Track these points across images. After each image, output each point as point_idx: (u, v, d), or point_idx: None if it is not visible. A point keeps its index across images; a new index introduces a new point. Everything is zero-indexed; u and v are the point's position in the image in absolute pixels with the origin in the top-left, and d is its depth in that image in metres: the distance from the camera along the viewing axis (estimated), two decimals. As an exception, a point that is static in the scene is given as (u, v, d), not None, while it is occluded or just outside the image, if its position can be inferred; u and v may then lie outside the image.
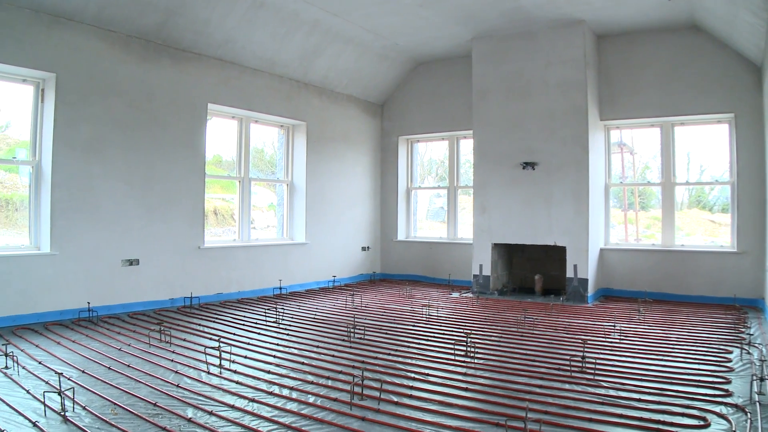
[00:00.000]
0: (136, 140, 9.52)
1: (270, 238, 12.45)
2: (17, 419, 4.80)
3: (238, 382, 5.82)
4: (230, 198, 12.05)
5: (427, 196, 14.75)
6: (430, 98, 13.70)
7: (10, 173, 9.08)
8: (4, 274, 8.18)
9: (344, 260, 13.49)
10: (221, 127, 11.36)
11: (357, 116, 13.81)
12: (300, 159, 12.53)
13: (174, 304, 10.08)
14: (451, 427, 4.56)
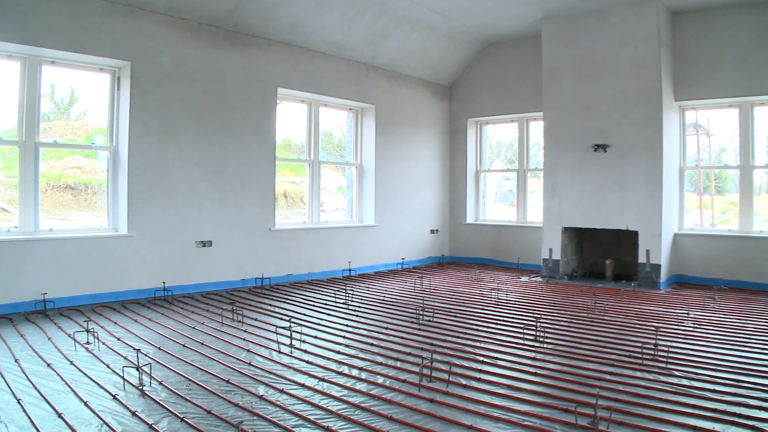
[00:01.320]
0: (208, 125, 9.75)
1: (339, 220, 12.58)
2: (98, 392, 5.02)
3: (309, 361, 5.93)
4: (299, 181, 12.21)
5: (495, 179, 14.61)
6: (499, 80, 13.52)
7: (89, 158, 9.43)
8: (85, 254, 8.55)
9: (413, 243, 13.53)
10: (290, 110, 11.50)
11: (425, 99, 13.77)
12: (369, 142, 12.59)
13: (245, 284, 10.33)
14: (519, 411, 4.54)
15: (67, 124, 9.25)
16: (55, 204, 8.99)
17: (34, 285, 8.09)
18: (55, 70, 8.67)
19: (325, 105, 11.95)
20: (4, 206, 8.60)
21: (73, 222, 9.05)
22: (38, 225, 8.42)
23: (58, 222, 8.86)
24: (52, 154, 9.01)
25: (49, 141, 8.69)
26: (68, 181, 9.18)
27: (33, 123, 8.29)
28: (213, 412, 4.55)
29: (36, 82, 8.31)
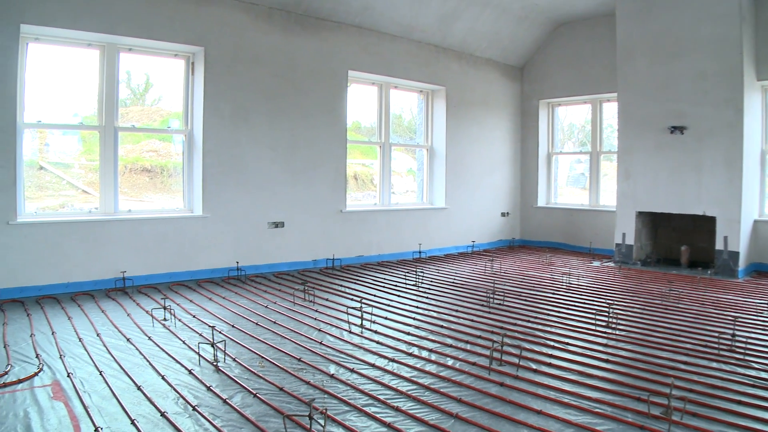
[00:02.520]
0: (280, 108, 9.87)
1: (410, 202, 12.57)
2: (175, 366, 5.19)
3: (379, 342, 5.97)
4: (369, 163, 12.24)
5: (567, 161, 14.32)
6: (572, 60, 13.19)
7: (165, 142, 9.68)
8: (161, 234, 8.81)
9: (483, 225, 13.42)
10: (360, 93, 11.52)
11: (496, 80, 13.58)
12: (440, 124, 12.51)
13: (317, 265, 10.45)
14: (590, 398, 4.46)
15: (143, 110, 9.50)
16: (133, 186, 9.26)
17: (114, 263, 8.40)
18: (132, 57, 8.91)
19: (395, 87, 11.92)
20: (85, 188, 8.91)
21: (149, 203, 9.32)
22: (117, 206, 8.70)
23: (136, 203, 9.14)
24: (130, 138, 9.28)
25: (127, 126, 8.95)
26: (145, 164, 9.44)
27: (112, 108, 8.55)
28: (285, 389, 4.63)
29: (114, 69, 8.56)
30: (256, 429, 3.94)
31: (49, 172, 8.80)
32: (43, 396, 4.49)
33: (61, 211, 8.52)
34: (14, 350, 5.56)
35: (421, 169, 12.73)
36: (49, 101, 8.38)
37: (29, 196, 8.23)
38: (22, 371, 5.01)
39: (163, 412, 4.17)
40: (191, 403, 4.33)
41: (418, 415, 4.16)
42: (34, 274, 7.86)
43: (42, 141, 8.66)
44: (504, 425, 4.00)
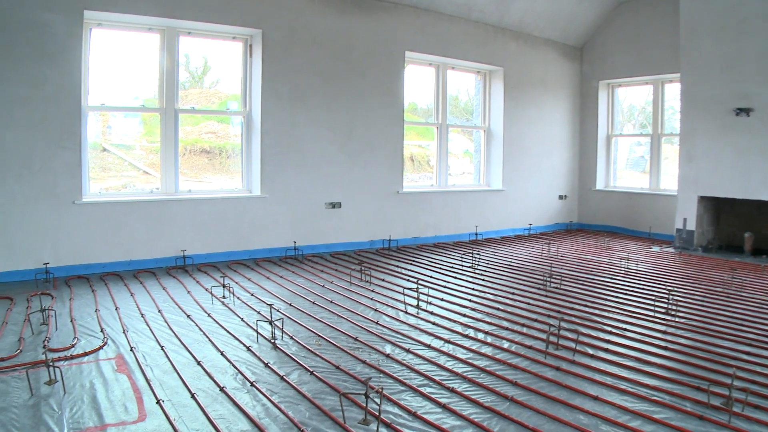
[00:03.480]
0: (337, 89, 9.89)
1: (466, 184, 12.48)
2: (234, 343, 5.29)
3: (435, 323, 5.96)
4: (426, 144, 12.20)
5: (626, 144, 13.99)
6: (633, 39, 12.79)
7: (223, 124, 9.81)
8: (221, 214, 8.96)
9: (540, 208, 13.25)
10: (416, 74, 11.45)
11: (555, 60, 13.33)
12: (497, 105, 12.37)
13: (373, 245, 10.49)
14: (648, 385, 4.37)
15: (201, 92, 9.64)
16: (192, 167, 9.42)
17: (175, 242, 8.59)
18: (191, 41, 9.03)
19: (452, 68, 11.82)
20: (146, 169, 9.10)
21: (208, 184, 9.48)
22: (178, 186, 8.87)
23: (195, 184, 9.30)
24: (189, 120, 9.42)
25: (187, 108, 9.09)
26: (204, 145, 9.59)
27: (172, 91, 8.70)
28: (341, 368, 4.67)
29: (174, 52, 8.69)
30: (313, 406, 3.99)
31: (112, 154, 9.01)
32: (107, 368, 4.64)
33: (124, 191, 8.74)
34: (80, 324, 5.75)
35: (478, 150, 12.62)
36: (111, 85, 8.57)
37: (93, 177, 8.46)
38: (88, 345, 5.19)
39: (222, 387, 4.25)
40: (249, 379, 4.41)
41: (473, 396, 4.14)
42: (99, 251, 8.10)
43: (105, 124, 8.88)
44: (559, 410, 3.95)
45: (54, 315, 5.97)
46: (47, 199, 7.69)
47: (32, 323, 5.74)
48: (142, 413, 3.88)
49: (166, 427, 3.69)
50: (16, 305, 6.44)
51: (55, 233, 7.79)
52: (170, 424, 3.72)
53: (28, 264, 7.66)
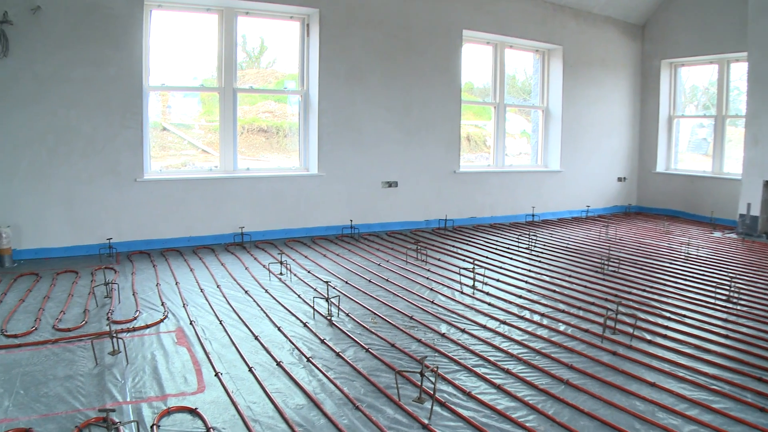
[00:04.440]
0: (394, 68, 9.85)
1: (523, 164, 12.33)
2: (290, 319, 5.37)
3: (490, 303, 5.93)
4: (482, 124, 12.08)
5: (688, 125, 13.57)
6: (697, 17, 12.29)
7: (280, 103, 9.89)
8: (279, 192, 9.06)
9: (598, 190, 13.00)
10: (473, 53, 11.31)
11: (615, 39, 12.98)
12: (556, 85, 12.14)
13: (429, 225, 10.47)
14: (707, 374, 4.25)
15: (258, 72, 9.72)
16: (250, 146, 9.53)
17: (233, 219, 8.73)
18: (249, 21, 9.08)
19: (510, 47, 11.64)
20: (204, 148, 9.25)
21: (265, 162, 9.58)
22: (237, 164, 8.99)
23: (253, 162, 9.42)
24: (247, 99, 9.53)
25: (246, 87, 9.18)
26: (261, 124, 9.69)
27: (231, 71, 8.79)
28: (396, 346, 4.69)
29: (232, 32, 8.77)
30: (368, 383, 4.02)
31: (171, 133, 9.18)
32: (168, 341, 4.76)
33: (183, 169, 8.89)
34: (142, 298, 5.92)
35: (536, 130, 12.44)
36: (171, 65, 8.71)
37: (154, 156, 8.64)
38: (149, 317, 5.33)
39: (278, 362, 4.32)
40: (306, 355, 4.47)
41: (529, 378, 4.11)
42: (159, 228, 8.30)
43: (164, 103, 9.05)
44: (615, 395, 3.89)
45: (117, 288, 6.15)
46: (110, 177, 7.91)
47: (96, 296, 5.93)
48: (201, 385, 3.97)
49: (224, 398, 3.77)
50: (82, 278, 6.67)
51: (117, 210, 8.01)
52: (228, 396, 3.80)
53: (93, 239, 7.91)
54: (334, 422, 3.47)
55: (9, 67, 7.23)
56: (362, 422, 3.50)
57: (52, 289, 6.21)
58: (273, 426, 3.45)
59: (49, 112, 7.52)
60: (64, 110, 7.59)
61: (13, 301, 5.79)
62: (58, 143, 7.60)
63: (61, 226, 7.78)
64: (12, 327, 5.07)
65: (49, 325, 5.12)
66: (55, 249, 7.78)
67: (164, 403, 3.71)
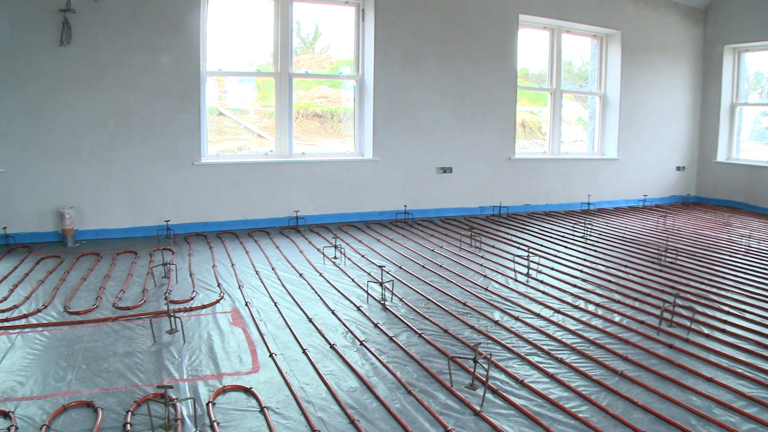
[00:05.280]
0: (449, 53, 9.78)
1: (579, 152, 12.14)
2: (344, 302, 5.41)
3: (544, 292, 5.86)
4: (538, 111, 11.93)
5: (751, 114, 13.13)
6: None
7: (334, 88, 9.94)
8: (333, 176, 9.13)
9: (656, 179, 12.70)
10: (528, 38, 11.14)
11: (676, 23, 12.62)
12: (614, 71, 11.89)
13: (483, 212, 10.41)
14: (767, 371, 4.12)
15: (313, 57, 9.78)
16: (304, 131, 9.60)
17: (288, 203, 8.83)
18: (304, 6, 9.13)
19: (567, 32, 11.43)
20: (260, 132, 9.35)
21: (320, 147, 9.65)
22: (292, 149, 9.06)
23: (307, 147, 9.48)
24: (301, 85, 9.59)
25: (301, 72, 9.24)
26: (316, 109, 9.75)
27: (287, 56, 8.85)
28: (449, 332, 4.68)
29: (288, 17, 8.81)
30: (420, 368, 4.02)
31: (228, 118, 9.31)
32: (223, 321, 4.85)
33: (239, 153, 9.02)
34: (198, 279, 6.04)
35: (593, 117, 12.22)
36: (227, 51, 8.82)
37: (210, 140, 8.77)
38: (206, 298, 5.44)
39: (332, 345, 4.37)
40: (359, 338, 4.50)
41: (582, 368, 4.05)
42: (216, 210, 8.45)
43: (220, 88, 9.18)
44: (671, 389, 3.80)
45: (174, 269, 6.30)
46: (168, 160, 8.08)
47: (155, 276, 6.08)
48: (255, 365, 4.04)
49: (278, 379, 3.83)
50: (140, 259, 6.84)
51: (175, 192, 8.18)
52: (282, 376, 3.85)
53: (151, 221, 8.10)
54: (386, 406, 3.49)
55: (72, 53, 7.46)
56: (414, 407, 3.51)
57: (112, 269, 6.39)
58: (326, 407, 3.49)
59: (110, 97, 7.72)
60: (125, 95, 7.78)
61: (75, 280, 5.99)
62: (118, 127, 7.80)
63: (121, 208, 7.99)
64: (74, 304, 5.25)
65: (109, 303, 5.28)
66: (115, 230, 8.00)
67: (220, 381, 3.78)
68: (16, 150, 7.45)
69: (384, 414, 3.43)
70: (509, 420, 3.37)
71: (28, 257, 6.90)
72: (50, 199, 7.67)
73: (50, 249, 7.34)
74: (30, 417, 3.33)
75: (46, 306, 5.18)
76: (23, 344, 4.35)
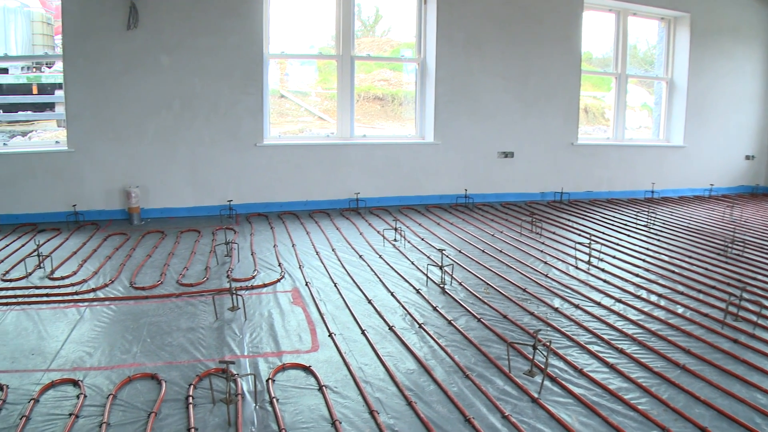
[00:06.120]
0: (512, 36, 9.64)
1: (644, 138, 11.86)
2: (403, 285, 5.43)
3: (606, 280, 5.76)
4: (600, 96, 11.70)
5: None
6: None
7: (395, 72, 9.93)
8: (394, 159, 9.14)
9: (723, 168, 12.32)
10: (593, 21, 10.89)
11: (749, 5, 12.14)
12: (682, 55, 11.54)
13: (544, 197, 10.28)
14: (839, 371, 3.94)
15: (373, 41, 9.78)
16: (365, 114, 9.64)
17: (349, 185, 8.90)
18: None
19: (634, 14, 11.14)
20: (321, 115, 9.42)
21: (380, 130, 9.67)
22: (353, 131, 9.10)
23: (368, 130, 9.51)
24: (362, 68, 9.60)
25: (363, 55, 9.25)
26: (376, 92, 9.76)
27: (349, 39, 8.87)
28: (509, 317, 4.66)
29: (351, 1, 8.81)
30: (478, 352, 4.02)
31: (289, 100, 9.40)
32: (284, 300, 4.94)
33: (301, 135, 9.11)
34: (260, 258, 6.16)
35: (659, 103, 11.91)
36: (289, 34, 8.89)
37: (272, 122, 8.87)
38: (267, 277, 5.55)
39: (391, 326, 4.40)
40: (418, 321, 4.52)
41: (643, 360, 3.97)
42: (277, 191, 8.58)
43: (282, 71, 9.27)
44: (734, 384, 3.69)
45: (237, 248, 6.41)
46: (231, 141, 8.23)
47: (217, 254, 6.23)
48: (315, 344, 4.10)
49: (337, 358, 3.88)
50: (203, 237, 7.01)
51: (238, 173, 8.33)
52: (341, 356, 3.90)
53: (213, 200, 8.28)
54: (443, 389, 3.50)
55: (139, 37, 7.67)
56: (472, 391, 3.51)
57: (176, 247, 6.57)
58: (383, 388, 3.52)
59: (175, 80, 7.91)
60: (189, 77, 7.96)
61: (140, 257, 6.18)
62: (183, 109, 7.98)
63: (184, 188, 8.19)
64: (140, 280, 5.42)
65: (173, 280, 5.44)
66: (179, 209, 8.20)
67: (279, 359, 3.86)
68: (85, 131, 7.72)
69: (441, 397, 3.44)
70: (567, 408, 3.35)
71: (96, 234, 7.16)
72: (117, 178, 7.92)
73: (117, 226, 7.59)
74: (97, 386, 3.47)
75: (113, 281, 5.37)
76: (91, 317, 4.52)
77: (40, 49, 8.85)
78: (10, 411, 3.22)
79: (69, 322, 4.43)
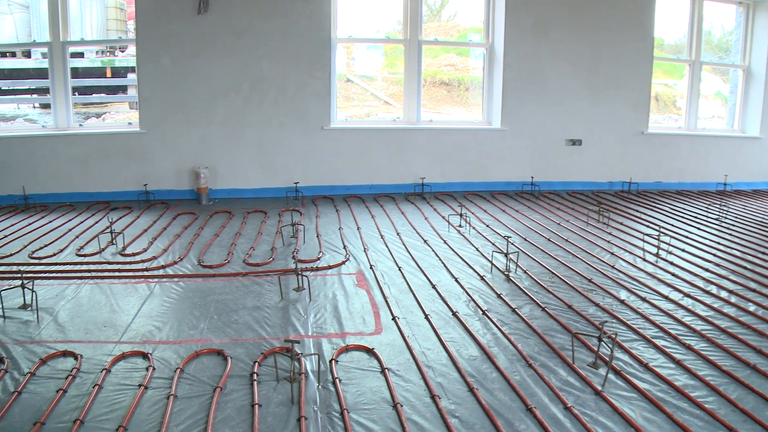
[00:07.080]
0: (581, 21, 9.43)
1: (717, 128, 11.50)
2: (467, 271, 5.44)
3: (674, 274, 5.63)
4: (672, 83, 11.37)
5: None
6: None
7: (462, 56, 9.87)
8: (460, 144, 9.11)
9: (804, 160, 11.88)
10: (665, 6, 10.56)
11: (840, -9, 11.65)
12: (761, 42, 11.08)
13: (612, 187, 10.09)
14: None
15: (440, 25, 9.74)
16: (431, 99, 9.62)
17: (414, 170, 8.92)
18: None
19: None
20: (386, 99, 9.44)
21: (446, 115, 9.63)
22: (419, 116, 9.10)
23: (433, 115, 9.50)
24: (428, 52, 9.57)
25: (431, 39, 9.22)
26: (443, 77, 9.72)
27: (416, 23, 8.85)
28: (573, 308, 4.61)
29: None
30: (542, 341, 4.00)
31: (355, 84, 9.45)
32: (348, 282, 5.01)
33: (367, 119, 9.15)
34: (325, 240, 6.25)
35: (734, 92, 11.51)
36: (355, 18, 8.93)
37: (339, 106, 8.94)
38: (332, 259, 5.64)
39: (454, 312, 4.41)
40: (481, 308, 4.52)
41: (711, 357, 3.86)
42: (343, 174, 8.67)
43: (348, 55, 9.32)
44: (808, 388, 3.56)
45: (302, 230, 6.56)
46: (299, 124, 8.34)
47: (283, 235, 6.35)
48: (378, 327, 4.15)
49: (400, 342, 3.92)
50: (270, 218, 7.16)
51: (304, 155, 8.45)
52: (404, 339, 3.94)
53: (280, 182, 8.42)
54: (506, 377, 3.50)
55: (209, 22, 7.85)
56: (534, 380, 3.50)
57: (243, 227, 6.72)
58: (446, 374, 3.54)
59: (243, 63, 8.06)
60: (257, 61, 8.10)
61: (208, 236, 6.35)
62: (251, 92, 8.13)
63: (252, 169, 8.36)
64: (207, 258, 5.59)
65: (239, 259, 5.58)
66: (246, 190, 8.38)
67: (343, 340, 3.92)
68: (156, 113, 7.95)
69: (503, 385, 3.44)
70: (631, 403, 3.30)
71: (166, 213, 7.39)
72: (187, 158, 8.13)
73: (186, 206, 7.81)
74: (166, 359, 3.61)
75: (182, 259, 5.55)
76: (161, 293, 4.69)
77: (114, 33, 9.15)
78: (83, 379, 3.38)
79: (139, 297, 4.60)
